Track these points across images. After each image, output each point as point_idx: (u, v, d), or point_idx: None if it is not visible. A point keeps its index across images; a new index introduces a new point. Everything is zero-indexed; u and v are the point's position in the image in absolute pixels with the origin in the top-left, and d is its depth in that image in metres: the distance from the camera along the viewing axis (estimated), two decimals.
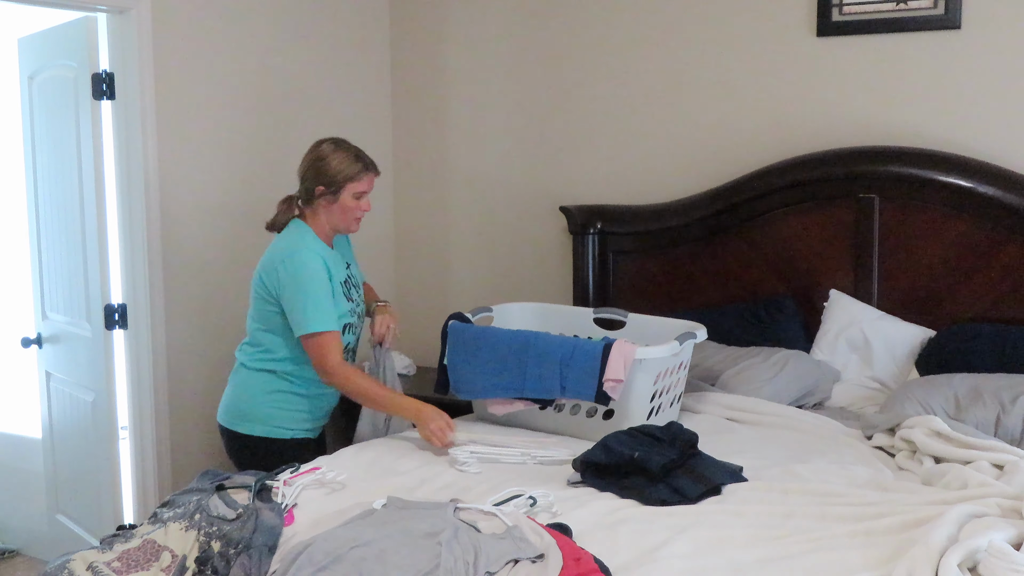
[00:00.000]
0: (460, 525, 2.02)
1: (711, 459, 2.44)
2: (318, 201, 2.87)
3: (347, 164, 2.84)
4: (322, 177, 2.84)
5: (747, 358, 3.30)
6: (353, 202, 2.86)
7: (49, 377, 3.97)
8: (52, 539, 3.92)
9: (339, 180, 2.83)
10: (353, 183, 2.84)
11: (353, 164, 2.84)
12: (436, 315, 4.24)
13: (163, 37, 3.55)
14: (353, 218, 2.90)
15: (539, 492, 2.25)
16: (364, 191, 2.88)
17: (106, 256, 3.56)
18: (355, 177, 2.84)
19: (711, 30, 3.76)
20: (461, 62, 4.34)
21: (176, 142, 3.63)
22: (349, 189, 2.85)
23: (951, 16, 3.32)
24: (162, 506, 2.35)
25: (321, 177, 2.84)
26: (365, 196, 2.89)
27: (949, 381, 2.93)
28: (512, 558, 1.90)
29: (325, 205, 2.87)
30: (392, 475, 2.50)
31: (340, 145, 2.89)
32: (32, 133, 3.87)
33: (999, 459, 2.39)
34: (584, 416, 2.86)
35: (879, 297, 3.42)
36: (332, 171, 2.83)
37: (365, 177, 2.87)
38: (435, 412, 2.72)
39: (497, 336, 2.93)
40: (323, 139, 2.94)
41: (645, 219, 3.84)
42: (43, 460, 4.04)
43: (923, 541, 1.85)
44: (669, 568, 1.91)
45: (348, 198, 2.85)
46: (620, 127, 3.99)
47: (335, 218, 2.89)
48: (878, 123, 3.48)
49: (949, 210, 3.30)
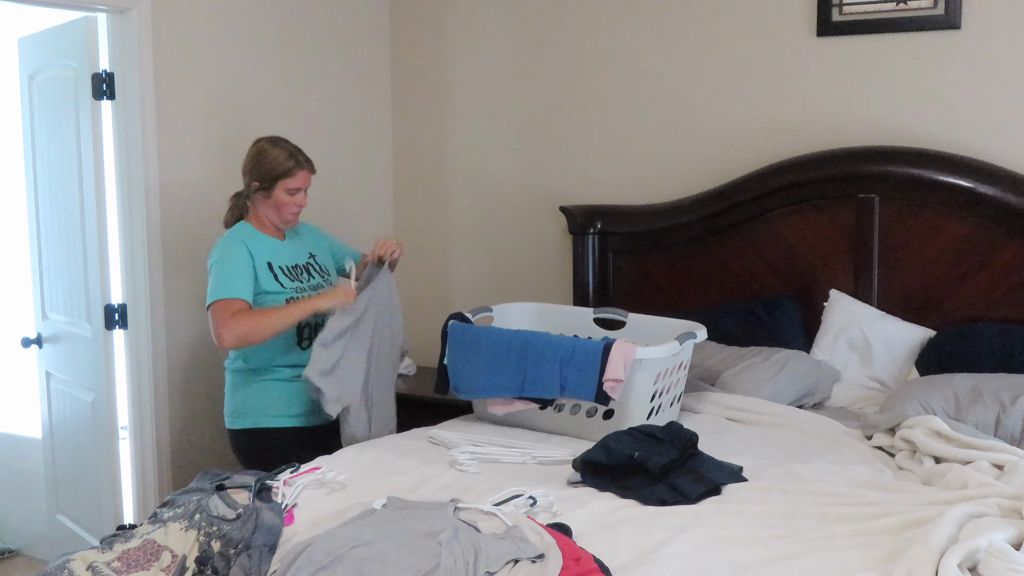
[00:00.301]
0: (460, 525, 2.02)
1: (711, 459, 2.44)
2: (255, 196, 3.05)
3: (280, 161, 3.01)
4: (256, 173, 3.02)
5: (747, 358, 3.30)
6: (287, 198, 3.03)
7: (49, 377, 3.97)
8: (52, 539, 3.92)
9: (272, 176, 3.00)
10: (285, 179, 3.01)
11: (286, 161, 3.02)
12: (436, 315, 4.25)
13: (163, 37, 3.55)
14: (289, 213, 3.06)
15: (539, 492, 2.25)
16: (297, 187, 3.04)
17: (106, 256, 3.56)
18: (287, 173, 3.01)
19: (711, 30, 3.76)
20: (461, 62, 4.34)
21: (176, 142, 3.63)
22: (282, 185, 3.01)
23: (951, 16, 3.32)
24: (162, 506, 2.35)
25: (255, 173, 3.03)
26: (300, 192, 3.05)
27: (949, 381, 2.93)
28: (512, 558, 1.90)
29: (261, 200, 3.04)
30: (392, 475, 2.50)
31: (276, 143, 3.07)
32: (32, 133, 3.87)
33: (999, 459, 2.39)
34: (584, 416, 2.86)
35: (879, 297, 3.42)
36: (266, 168, 3.01)
37: (297, 173, 3.03)
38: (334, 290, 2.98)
39: (497, 336, 2.93)
40: (261, 137, 3.12)
41: (645, 219, 3.85)
42: (43, 460, 4.04)
43: (923, 541, 1.85)
44: (669, 568, 1.91)
45: (281, 194, 3.02)
46: (620, 127, 3.99)
47: (271, 212, 3.05)
48: (878, 123, 3.48)
49: (949, 210, 3.30)
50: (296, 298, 3.02)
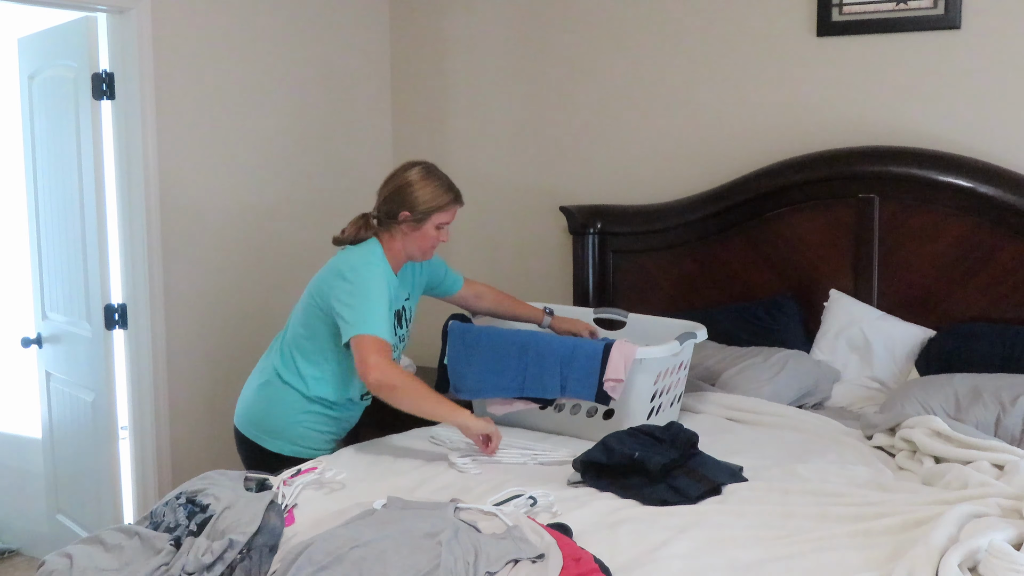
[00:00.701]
0: (460, 525, 2.02)
1: (711, 459, 2.44)
2: (400, 226, 2.78)
3: (438, 194, 2.77)
4: (409, 203, 2.75)
5: (747, 358, 3.30)
6: (434, 232, 2.79)
7: (49, 377, 3.97)
8: (52, 539, 3.92)
9: (426, 209, 2.75)
10: (440, 213, 2.78)
11: (444, 195, 2.78)
12: (436, 315, 4.24)
13: (163, 37, 3.55)
14: (431, 247, 2.83)
15: (539, 492, 2.25)
16: (447, 222, 2.81)
17: (106, 256, 3.56)
18: (443, 208, 2.78)
19: (711, 30, 3.76)
20: (461, 62, 4.34)
21: (176, 142, 3.63)
22: (434, 219, 2.77)
23: (951, 16, 3.32)
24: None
25: (408, 202, 2.75)
26: (446, 227, 2.83)
27: (949, 381, 2.93)
28: (512, 558, 1.90)
29: (406, 231, 2.78)
30: (392, 475, 2.50)
31: (432, 172, 2.81)
32: (32, 133, 3.87)
33: (999, 459, 2.39)
34: (584, 416, 2.86)
35: (879, 297, 3.42)
36: (421, 199, 2.75)
37: (452, 208, 2.81)
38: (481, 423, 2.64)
39: (497, 336, 2.93)
40: (414, 162, 2.85)
41: (645, 219, 3.85)
42: (43, 460, 4.04)
43: (923, 541, 1.85)
44: (669, 568, 1.91)
45: (431, 228, 2.78)
46: (620, 127, 3.99)
47: (412, 245, 2.80)
48: (878, 123, 3.48)
49: (949, 210, 3.30)
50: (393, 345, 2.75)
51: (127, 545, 2.14)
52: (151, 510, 2.34)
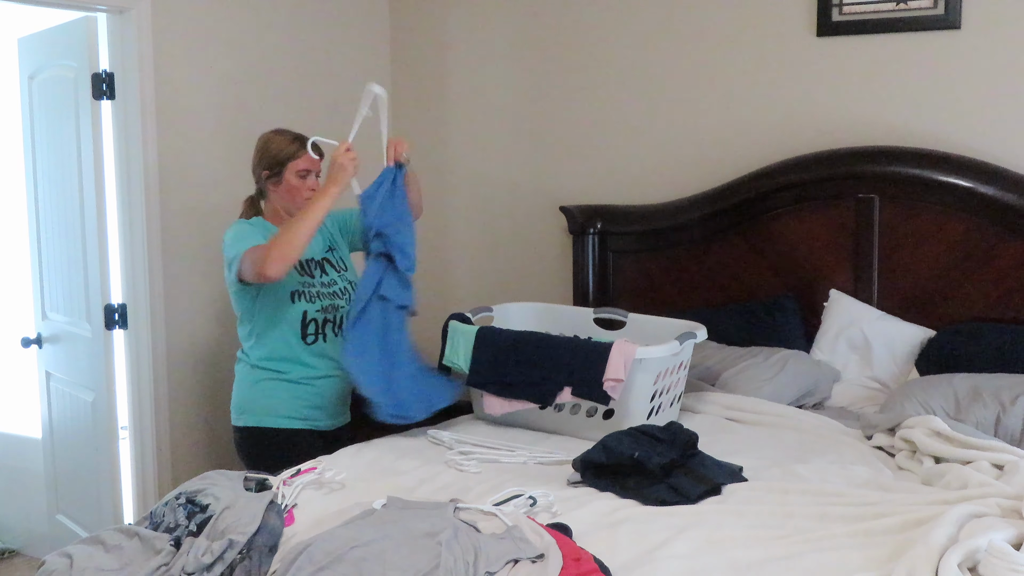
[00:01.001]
0: (460, 525, 2.02)
1: (711, 459, 2.44)
2: (267, 187, 3.00)
3: (285, 144, 2.97)
4: (264, 162, 2.98)
5: (747, 358, 3.30)
6: (298, 181, 2.97)
7: (49, 377, 3.97)
8: (52, 539, 3.91)
9: (280, 160, 2.96)
10: (293, 161, 2.96)
11: (290, 144, 2.97)
12: (436, 315, 4.24)
13: (163, 37, 3.56)
14: (303, 198, 2.97)
15: (539, 492, 2.25)
16: (307, 169, 2.98)
17: (106, 256, 3.56)
18: (294, 155, 2.96)
19: (711, 30, 3.76)
20: (461, 62, 4.34)
21: (176, 142, 3.63)
22: (291, 168, 2.96)
23: (951, 16, 3.32)
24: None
25: (264, 163, 2.99)
26: (310, 175, 2.99)
27: (949, 381, 2.93)
28: (512, 558, 1.90)
29: (272, 189, 3.00)
30: (392, 475, 2.50)
31: (278, 131, 3.04)
32: (32, 133, 3.87)
33: (999, 459, 2.39)
34: (584, 416, 2.86)
35: (879, 297, 3.42)
36: (272, 153, 2.97)
37: (304, 154, 2.97)
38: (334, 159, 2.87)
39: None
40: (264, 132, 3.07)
41: (645, 219, 3.85)
42: (43, 460, 4.04)
43: (923, 541, 1.85)
44: (669, 568, 1.91)
45: (292, 177, 2.97)
46: (620, 127, 3.99)
47: (286, 200, 2.99)
48: (878, 123, 3.48)
49: (949, 210, 3.29)
50: (302, 292, 2.94)
51: (127, 545, 2.14)
52: (151, 510, 2.34)
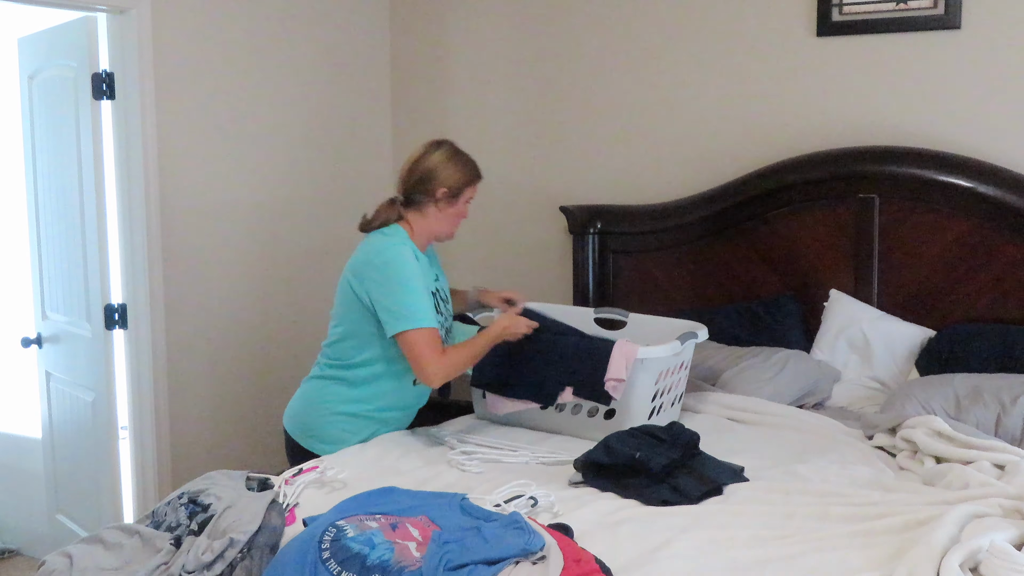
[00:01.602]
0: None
1: (712, 459, 2.44)
2: (435, 204, 2.77)
3: (468, 168, 2.81)
4: (445, 180, 2.76)
5: (747, 358, 3.30)
6: (465, 207, 2.84)
7: (49, 377, 3.97)
8: (52, 539, 3.91)
9: (461, 184, 2.78)
10: (469, 188, 2.82)
11: (473, 169, 2.83)
12: None
13: (163, 37, 3.55)
14: (458, 223, 2.87)
15: (540, 492, 2.25)
16: (472, 197, 2.86)
17: (106, 256, 3.56)
18: (472, 182, 2.82)
19: (711, 30, 3.76)
20: (461, 62, 4.34)
21: (176, 142, 3.63)
22: (466, 194, 2.82)
23: (951, 16, 3.32)
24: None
25: (444, 180, 2.76)
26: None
27: (949, 381, 2.93)
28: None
29: (440, 208, 2.78)
30: (394, 474, 2.50)
31: (459, 150, 2.84)
32: (32, 133, 3.87)
33: (1000, 459, 2.39)
34: (585, 416, 2.86)
35: (879, 297, 3.42)
36: (458, 173, 2.78)
37: (478, 182, 2.85)
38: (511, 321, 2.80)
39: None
40: (439, 140, 2.85)
41: (645, 219, 3.85)
42: (43, 460, 4.04)
43: (924, 541, 1.85)
44: (670, 568, 1.91)
45: (463, 203, 2.82)
46: (620, 127, 3.99)
47: (444, 223, 2.82)
48: (878, 123, 3.48)
49: (949, 210, 3.30)
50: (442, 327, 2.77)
51: (127, 544, 2.14)
52: (152, 509, 2.34)
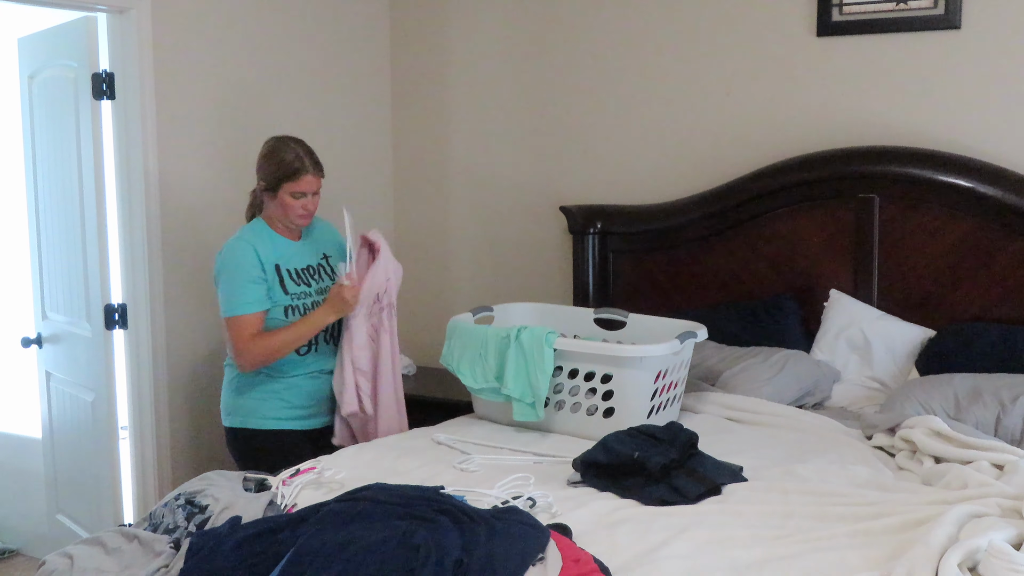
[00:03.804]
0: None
1: (711, 459, 2.44)
2: (263, 196, 3.00)
3: (286, 163, 2.92)
4: (262, 173, 2.97)
5: (747, 358, 3.30)
6: (291, 200, 2.94)
7: (49, 377, 3.97)
8: (52, 539, 3.91)
9: (277, 178, 2.93)
10: (289, 182, 2.92)
11: (291, 163, 2.92)
12: (436, 315, 4.25)
13: (163, 37, 3.55)
14: (295, 216, 2.97)
15: (538, 493, 2.25)
16: (302, 191, 2.94)
17: (106, 256, 3.56)
18: (292, 176, 2.92)
19: (711, 30, 3.76)
20: (461, 62, 4.34)
21: (176, 142, 3.63)
22: (286, 188, 2.93)
23: (951, 16, 3.32)
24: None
25: (262, 173, 2.97)
26: (305, 196, 2.95)
27: (949, 381, 2.93)
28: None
29: (268, 200, 2.99)
30: (392, 475, 2.49)
31: (285, 144, 2.97)
32: (32, 133, 3.87)
33: (999, 459, 2.39)
34: (584, 415, 2.86)
35: (879, 297, 3.42)
36: (271, 169, 2.94)
37: (303, 177, 2.92)
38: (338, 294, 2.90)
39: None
40: (275, 135, 3.04)
41: (645, 219, 3.84)
42: (43, 460, 4.04)
43: (923, 541, 1.85)
44: (669, 568, 1.90)
45: (286, 196, 2.94)
46: (620, 127, 3.99)
47: (278, 212, 2.98)
48: (878, 123, 3.48)
49: (949, 210, 3.29)
50: (297, 306, 2.98)
51: (127, 548, 2.14)
52: (150, 512, 2.34)
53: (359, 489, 2.16)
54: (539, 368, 2.84)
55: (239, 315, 2.87)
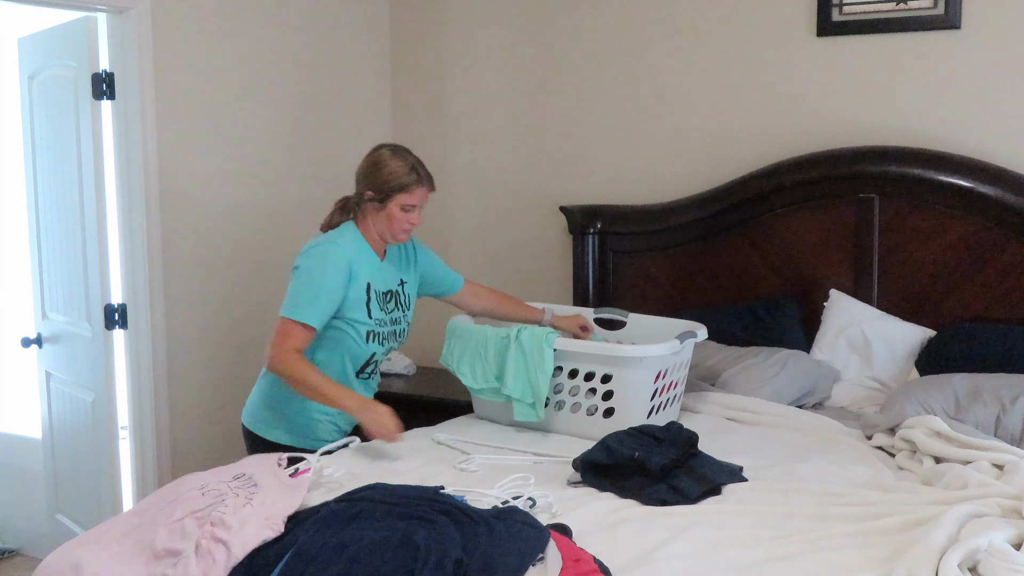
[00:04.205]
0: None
1: (711, 459, 2.43)
2: (366, 205, 2.81)
3: (400, 174, 2.77)
4: (373, 183, 2.78)
5: (747, 358, 3.30)
6: (400, 213, 2.78)
7: (49, 377, 3.97)
8: (52, 539, 3.91)
9: (388, 189, 2.76)
10: (402, 194, 2.77)
11: (406, 175, 2.77)
12: (436, 315, 4.25)
13: (163, 37, 3.56)
14: (400, 229, 2.81)
15: (538, 493, 2.25)
16: (413, 204, 2.79)
17: (106, 256, 3.56)
18: (405, 188, 2.76)
19: (711, 30, 3.76)
20: (461, 62, 4.34)
21: (176, 142, 3.63)
22: (398, 200, 2.77)
23: (951, 16, 3.32)
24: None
25: (372, 182, 2.79)
26: (415, 209, 2.80)
27: (949, 381, 2.93)
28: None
29: (372, 211, 2.80)
30: (392, 475, 2.49)
31: (398, 153, 2.82)
32: (32, 133, 3.87)
33: (999, 459, 2.39)
34: (584, 415, 2.86)
35: (879, 297, 3.42)
36: (383, 178, 2.77)
37: (416, 190, 2.78)
38: (382, 408, 2.65)
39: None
40: (385, 144, 2.89)
41: (645, 219, 3.84)
42: (43, 460, 4.04)
43: (923, 541, 1.85)
44: (669, 568, 1.90)
45: (395, 208, 2.78)
46: (620, 127, 3.99)
47: (381, 226, 2.81)
48: (878, 123, 3.48)
49: (949, 210, 3.30)
50: (378, 333, 2.82)
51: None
52: None
53: (359, 489, 2.16)
54: (539, 368, 2.83)
55: (296, 320, 2.66)
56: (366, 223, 2.83)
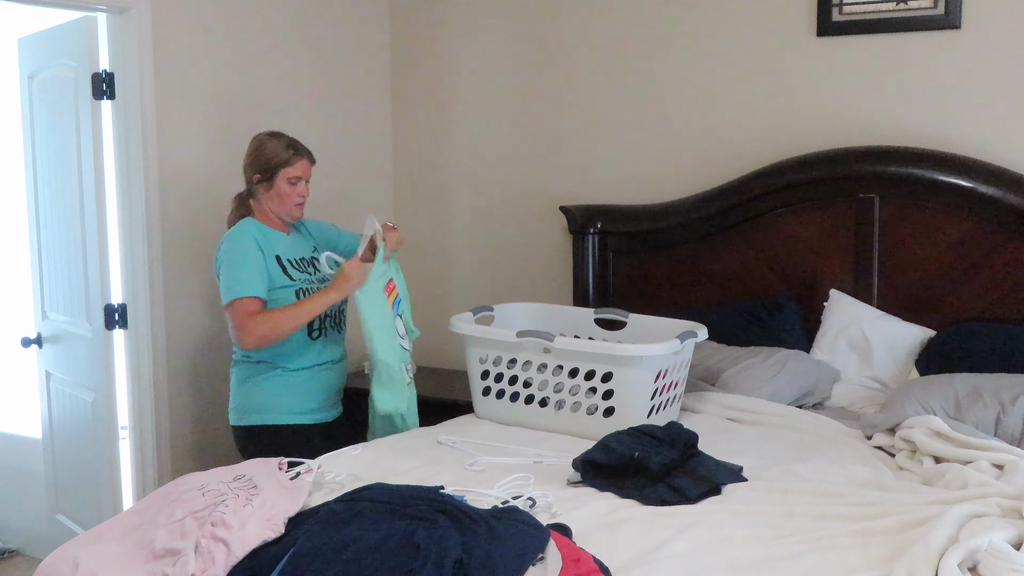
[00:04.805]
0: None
1: (711, 459, 2.43)
2: (258, 190, 3.04)
3: (280, 150, 3.03)
4: (258, 165, 3.04)
5: (747, 358, 3.30)
6: (288, 187, 3.03)
7: (49, 377, 3.97)
8: (52, 539, 3.91)
9: (272, 166, 3.01)
10: (286, 167, 3.02)
11: (285, 150, 3.03)
12: (436, 315, 4.25)
13: (163, 37, 3.56)
14: (292, 204, 3.05)
15: (538, 493, 2.25)
16: (298, 176, 3.04)
17: (106, 256, 3.56)
18: (288, 162, 3.02)
19: (711, 30, 3.76)
20: (461, 62, 4.34)
21: (176, 142, 3.63)
22: (283, 174, 3.02)
23: (951, 16, 3.32)
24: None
25: (257, 166, 3.04)
26: (301, 181, 3.06)
27: (949, 381, 2.93)
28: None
29: (263, 193, 3.04)
30: (392, 475, 2.49)
31: (273, 135, 3.08)
32: (32, 133, 3.87)
33: (999, 459, 2.39)
34: (584, 415, 2.86)
35: (879, 297, 3.42)
36: (265, 158, 3.02)
37: (298, 162, 3.03)
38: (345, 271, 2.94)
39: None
40: (258, 133, 3.13)
41: (645, 219, 3.84)
42: (43, 460, 4.04)
43: (923, 541, 1.85)
44: (669, 568, 1.90)
45: (283, 183, 3.02)
46: (620, 127, 3.99)
47: (275, 204, 3.05)
48: (878, 123, 3.48)
49: (949, 210, 3.30)
50: (307, 289, 3.02)
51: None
52: None
53: (359, 489, 2.16)
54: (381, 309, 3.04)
55: (239, 297, 2.88)
56: (262, 208, 3.07)
